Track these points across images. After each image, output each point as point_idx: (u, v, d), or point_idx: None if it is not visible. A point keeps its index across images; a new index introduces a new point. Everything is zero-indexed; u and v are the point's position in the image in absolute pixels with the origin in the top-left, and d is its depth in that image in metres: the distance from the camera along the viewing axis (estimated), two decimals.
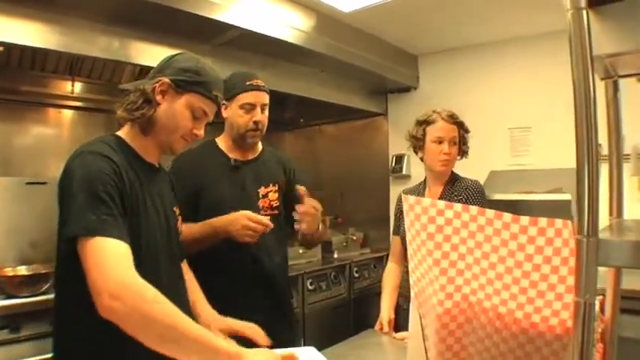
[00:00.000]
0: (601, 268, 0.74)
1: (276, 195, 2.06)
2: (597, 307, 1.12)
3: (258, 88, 1.98)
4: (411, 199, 1.04)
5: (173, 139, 1.44)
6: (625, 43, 0.84)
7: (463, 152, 2.21)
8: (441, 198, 2.14)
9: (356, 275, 3.97)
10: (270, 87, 3.34)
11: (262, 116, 1.99)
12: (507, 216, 0.91)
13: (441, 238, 0.99)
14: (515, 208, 2.94)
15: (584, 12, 0.73)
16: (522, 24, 3.25)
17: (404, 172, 4.14)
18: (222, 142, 2.07)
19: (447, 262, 0.99)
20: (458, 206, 0.98)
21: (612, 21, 0.83)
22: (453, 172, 2.22)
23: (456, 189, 2.14)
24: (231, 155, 2.03)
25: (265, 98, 2.01)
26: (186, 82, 1.41)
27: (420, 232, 1.02)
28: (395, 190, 4.00)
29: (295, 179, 2.15)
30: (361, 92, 4.23)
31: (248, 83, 1.97)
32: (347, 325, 3.75)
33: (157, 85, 1.40)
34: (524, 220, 0.89)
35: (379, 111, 4.46)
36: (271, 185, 2.05)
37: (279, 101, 4.24)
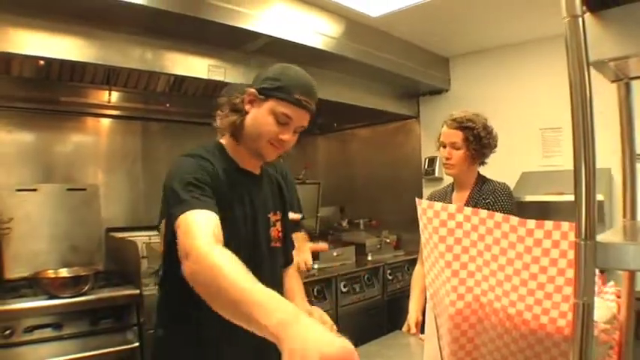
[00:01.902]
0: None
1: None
2: (615, 310, 1.13)
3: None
4: (424, 202, 1.07)
5: (260, 145, 1.48)
6: (627, 47, 0.85)
7: (473, 157, 2.13)
8: (468, 200, 2.14)
9: (389, 277, 3.97)
10: None
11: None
12: (514, 219, 0.93)
13: (452, 241, 1.02)
14: (546, 209, 2.91)
15: (580, 20, 0.75)
16: (553, 23, 3.09)
17: (436, 174, 4.13)
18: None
19: (458, 264, 1.02)
20: (467, 210, 1.01)
21: (614, 25, 0.84)
22: (480, 174, 2.21)
23: (483, 192, 2.13)
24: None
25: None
26: (268, 88, 1.46)
27: (433, 235, 1.04)
28: (428, 193, 3.94)
29: (290, 187, 2.20)
30: (393, 96, 4.25)
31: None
32: (380, 327, 3.74)
33: (246, 95, 1.48)
34: (531, 223, 0.91)
35: (411, 114, 4.46)
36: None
37: None
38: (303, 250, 1.93)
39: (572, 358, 0.73)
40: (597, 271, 1.15)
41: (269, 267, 1.58)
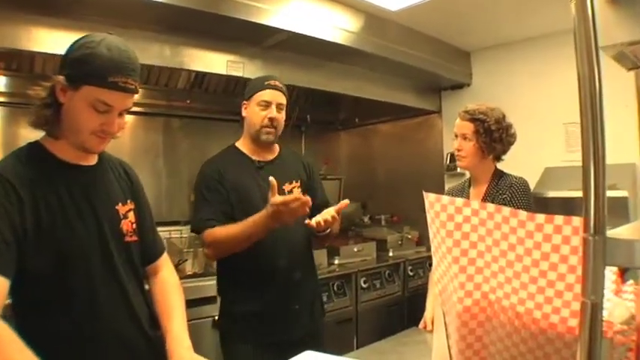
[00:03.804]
0: None
1: (299, 190, 2.14)
2: (634, 310, 1.08)
3: (274, 87, 2.08)
4: (432, 196, 1.04)
5: (82, 138, 1.31)
6: None
7: (482, 149, 2.10)
8: (485, 195, 2.10)
9: (410, 274, 3.94)
10: (321, 87, 3.45)
11: (278, 115, 2.08)
12: (523, 214, 0.89)
13: (460, 236, 0.99)
14: (570, 205, 2.83)
15: (589, 2, 0.71)
16: None
17: (458, 169, 4.06)
18: (242, 145, 2.17)
19: (465, 259, 0.99)
20: (475, 203, 0.97)
21: (628, 9, 0.79)
22: (497, 169, 2.16)
23: (500, 187, 2.09)
24: (253, 157, 2.14)
25: (281, 98, 2.10)
26: (77, 75, 1.26)
27: (440, 230, 1.02)
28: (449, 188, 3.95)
29: (313, 174, 2.27)
30: (414, 90, 4.20)
31: (266, 83, 2.09)
32: (401, 323, 3.71)
33: (56, 85, 1.28)
34: (540, 217, 0.87)
35: (433, 109, 4.41)
36: (294, 182, 2.15)
37: (332, 101, 4.31)
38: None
39: None
40: (616, 268, 1.10)
41: (123, 265, 1.42)
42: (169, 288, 1.58)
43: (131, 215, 1.49)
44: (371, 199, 4.81)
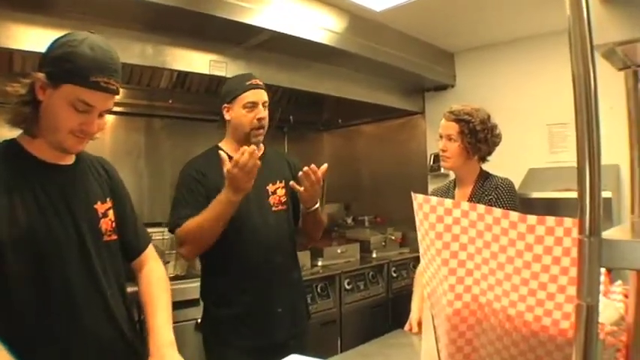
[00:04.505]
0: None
1: (284, 191, 2.12)
2: (623, 311, 1.08)
3: (257, 87, 2.05)
4: (420, 197, 1.02)
5: (60, 137, 1.28)
6: (635, 30, 0.79)
7: (467, 150, 2.10)
8: (471, 197, 2.10)
9: (394, 275, 3.94)
10: (304, 88, 3.43)
11: (265, 113, 2.05)
12: (514, 215, 0.88)
13: (450, 238, 0.97)
14: (554, 206, 2.86)
15: (583, 1, 0.70)
16: (558, 18, 3.08)
17: (442, 170, 4.07)
18: (225, 145, 2.11)
19: (455, 261, 0.97)
20: (465, 205, 0.96)
21: (621, 8, 0.79)
22: (482, 170, 2.17)
23: (485, 188, 2.09)
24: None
25: (264, 96, 2.08)
26: (58, 73, 1.23)
27: (429, 232, 1.00)
28: (433, 189, 3.96)
29: (298, 173, 2.18)
30: (398, 91, 4.20)
31: (248, 83, 2.04)
32: (385, 325, 3.69)
33: (35, 82, 1.25)
34: (532, 219, 0.86)
35: (416, 110, 4.41)
36: (278, 182, 2.12)
37: (315, 102, 4.29)
38: None
39: None
40: (603, 269, 1.10)
41: (101, 265, 1.39)
42: (154, 281, 1.57)
43: (110, 213, 1.46)
44: (354, 200, 4.80)
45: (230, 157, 2.05)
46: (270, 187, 2.09)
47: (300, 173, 1.92)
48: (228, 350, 1.96)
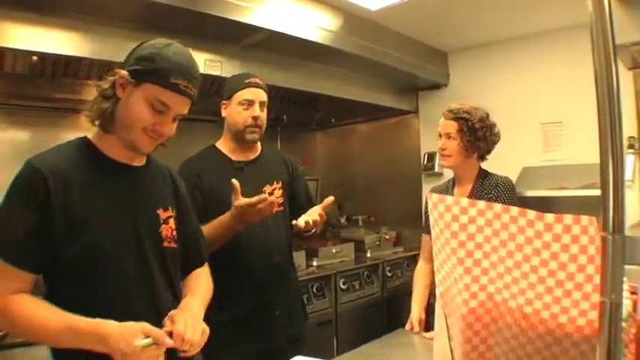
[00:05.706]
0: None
1: (281, 192, 2.09)
2: (630, 307, 1.09)
3: (256, 85, 2.03)
4: (435, 196, 1.02)
5: (133, 135, 1.30)
6: None
7: (467, 148, 2.11)
8: (470, 195, 2.10)
9: (389, 274, 3.94)
10: (299, 87, 3.41)
11: (261, 113, 2.02)
12: (531, 213, 0.88)
13: (465, 237, 0.97)
14: (547, 204, 2.87)
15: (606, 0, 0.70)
16: (552, 17, 3.16)
17: (436, 169, 4.09)
18: (222, 145, 2.10)
19: (470, 260, 0.97)
20: (481, 204, 0.96)
21: (637, 8, 0.79)
22: (481, 168, 2.18)
23: (485, 186, 2.10)
24: (233, 157, 2.07)
25: (263, 96, 2.04)
26: (141, 71, 1.27)
27: (444, 231, 1.00)
28: (427, 188, 3.95)
29: (297, 173, 2.21)
30: (391, 90, 4.19)
31: (246, 81, 2.02)
32: (380, 324, 3.72)
33: (117, 79, 1.29)
34: (549, 217, 0.86)
35: (410, 109, 4.41)
36: (275, 183, 2.09)
37: (309, 101, 4.28)
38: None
39: None
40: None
41: (159, 268, 1.39)
42: (199, 277, 1.58)
43: (172, 222, 1.45)
44: (348, 199, 4.79)
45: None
46: (267, 188, 2.05)
47: (304, 223, 1.83)
48: (228, 356, 1.92)
